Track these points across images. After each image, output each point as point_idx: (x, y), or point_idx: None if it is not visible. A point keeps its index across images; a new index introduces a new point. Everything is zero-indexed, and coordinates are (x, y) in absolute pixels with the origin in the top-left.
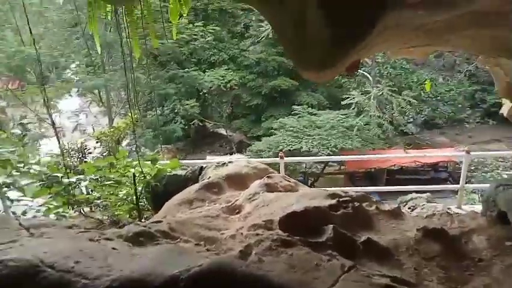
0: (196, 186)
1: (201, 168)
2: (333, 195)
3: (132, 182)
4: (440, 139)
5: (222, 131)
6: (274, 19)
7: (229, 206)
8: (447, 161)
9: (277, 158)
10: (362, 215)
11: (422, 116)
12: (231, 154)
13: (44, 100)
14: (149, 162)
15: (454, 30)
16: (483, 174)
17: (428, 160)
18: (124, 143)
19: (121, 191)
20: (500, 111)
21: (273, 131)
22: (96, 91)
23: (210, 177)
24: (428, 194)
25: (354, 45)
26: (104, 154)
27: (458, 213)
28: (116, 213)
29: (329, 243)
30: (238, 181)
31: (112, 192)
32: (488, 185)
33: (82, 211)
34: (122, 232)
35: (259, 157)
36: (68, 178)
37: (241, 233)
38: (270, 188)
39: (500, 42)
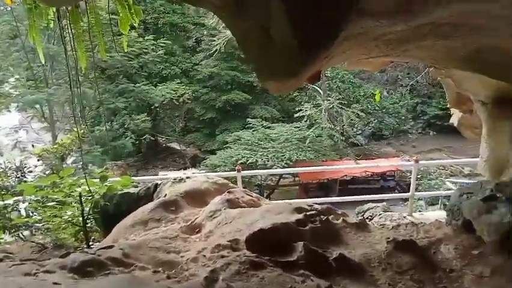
0: (151, 204)
1: (156, 185)
2: (299, 210)
3: (79, 202)
4: (387, 149)
5: (175, 146)
6: (235, 26)
7: (189, 225)
8: (394, 170)
9: (234, 172)
10: (330, 229)
11: (369, 127)
12: (185, 169)
13: None
14: (98, 180)
15: (411, 40)
16: (428, 181)
17: (377, 170)
18: (70, 160)
19: (66, 212)
20: (450, 121)
21: (227, 144)
22: (38, 106)
23: (165, 194)
24: (383, 203)
25: (320, 53)
26: (46, 173)
27: (422, 222)
28: (60, 236)
29: (300, 262)
30: (198, 198)
31: (55, 214)
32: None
33: (20, 235)
34: (66, 262)
35: (214, 172)
36: (2, 200)
37: (204, 255)
38: (231, 203)
39: (454, 52)
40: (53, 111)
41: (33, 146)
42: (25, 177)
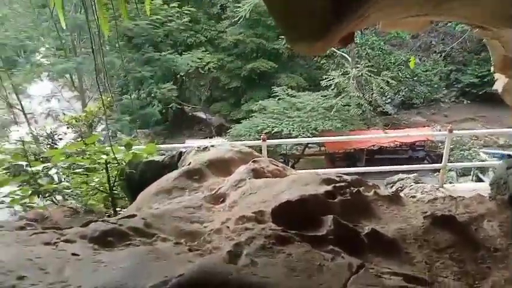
0: (175, 173)
1: (180, 154)
2: (327, 181)
3: (105, 169)
4: (417, 119)
5: (201, 115)
6: None
7: (213, 194)
8: (424, 140)
9: (259, 141)
10: (361, 202)
11: (399, 96)
12: (210, 138)
13: (12, 85)
14: (123, 147)
15: None
16: (461, 152)
17: (407, 140)
18: (99, 128)
19: (93, 179)
20: (494, 87)
21: (253, 113)
22: (68, 75)
23: (190, 163)
24: (414, 174)
25: (353, 13)
26: (76, 140)
27: (461, 196)
28: (89, 202)
29: (330, 237)
30: (222, 167)
31: (83, 180)
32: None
33: (54, 200)
34: (87, 231)
35: (239, 141)
36: (31, 166)
37: (228, 227)
38: (256, 173)
39: (502, 10)
40: (83, 80)
41: (64, 114)
42: (56, 144)
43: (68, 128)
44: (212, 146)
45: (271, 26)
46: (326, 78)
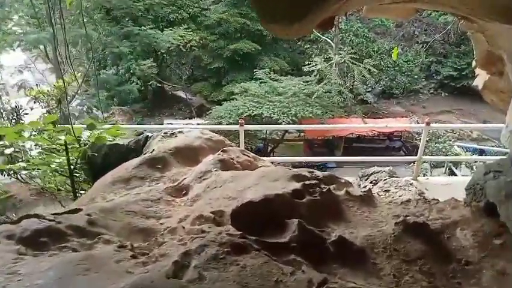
0: (135, 160)
1: (146, 138)
2: (297, 177)
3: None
4: (396, 109)
5: (181, 94)
6: None
7: (175, 186)
8: (401, 131)
9: (236, 125)
10: (330, 203)
11: (380, 85)
12: (190, 118)
13: None
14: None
15: None
16: (436, 145)
17: (384, 129)
18: (74, 103)
19: (53, 161)
20: (474, 83)
21: (234, 95)
22: (42, 46)
23: (153, 150)
24: (390, 168)
25: None
26: (43, 115)
27: (435, 199)
28: (47, 185)
29: (292, 244)
30: (189, 155)
31: (42, 161)
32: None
33: (19, 178)
34: (16, 230)
35: (219, 123)
36: None
37: (183, 227)
38: (225, 164)
39: (491, 1)
40: (57, 51)
41: (37, 86)
42: (21, 119)
43: (34, 102)
44: (180, 131)
45: None
46: (308, 64)
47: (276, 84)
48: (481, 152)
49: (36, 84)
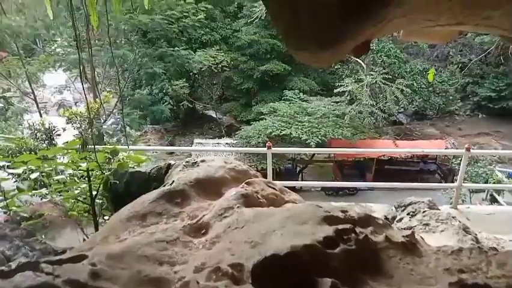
0: (154, 194)
1: (168, 166)
2: (329, 219)
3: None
4: (430, 130)
5: (212, 114)
6: None
7: (194, 223)
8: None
9: (264, 148)
10: (368, 253)
11: (413, 106)
12: (220, 137)
13: (26, 73)
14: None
15: (502, 4)
16: (475, 170)
17: (408, 153)
18: (110, 121)
19: (78, 186)
20: None
21: (263, 115)
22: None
23: (173, 181)
24: (429, 198)
25: (367, 18)
26: (76, 137)
27: (493, 248)
28: (69, 213)
29: None
30: (210, 187)
31: (62, 188)
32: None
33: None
34: (5, 286)
35: (247, 143)
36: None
37: (197, 282)
38: (248, 200)
39: None
40: (95, 72)
41: (76, 104)
42: (53, 140)
43: (67, 123)
44: (202, 161)
45: None
46: (339, 85)
47: (305, 104)
48: None
49: (75, 103)
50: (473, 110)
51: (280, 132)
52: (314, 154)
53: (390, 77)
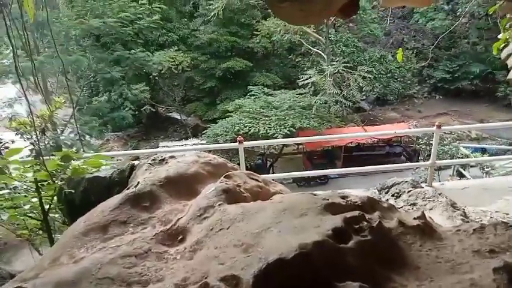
0: (115, 200)
1: (132, 168)
2: (332, 207)
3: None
4: (392, 115)
5: (176, 116)
6: None
7: (168, 229)
8: (401, 136)
9: (235, 143)
10: (385, 242)
11: (374, 93)
12: (186, 139)
13: None
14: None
15: None
16: (441, 148)
17: (383, 136)
18: (67, 132)
19: (27, 201)
20: (508, 76)
21: (229, 113)
22: (31, 77)
23: (138, 183)
24: (411, 177)
25: None
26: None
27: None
28: (18, 232)
29: None
30: (184, 185)
31: (8, 204)
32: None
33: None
34: None
35: (215, 142)
36: None
37: None
38: (230, 195)
39: None
40: (47, 81)
41: (28, 117)
42: (1, 153)
43: (16, 134)
44: (171, 156)
45: (245, 24)
46: (302, 77)
47: (270, 98)
48: (483, 151)
49: (28, 116)
50: (430, 93)
51: (249, 129)
52: (283, 147)
53: (351, 65)
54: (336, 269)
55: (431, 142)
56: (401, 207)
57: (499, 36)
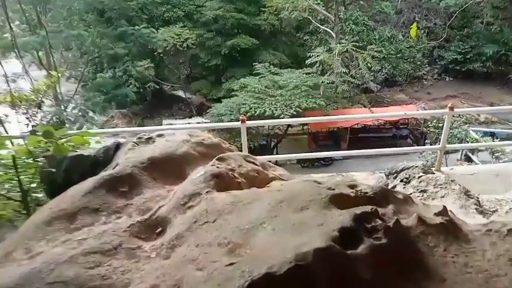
0: (88, 183)
1: (118, 146)
2: (338, 199)
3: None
4: (400, 96)
5: (181, 94)
6: None
7: (146, 220)
8: (408, 118)
9: (238, 122)
10: (403, 246)
11: (382, 73)
12: (190, 117)
13: None
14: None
15: None
16: (451, 131)
17: (390, 118)
18: (70, 107)
19: (5, 181)
20: None
21: (234, 92)
22: (35, 52)
23: (118, 164)
24: (422, 162)
25: None
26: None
27: None
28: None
29: None
30: (171, 168)
31: None
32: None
33: None
34: None
35: (220, 121)
36: None
37: None
38: (221, 180)
39: None
40: (51, 57)
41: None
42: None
43: (12, 108)
44: (160, 135)
45: (252, 0)
46: (310, 55)
47: (276, 77)
48: (492, 135)
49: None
50: (440, 74)
51: (255, 111)
52: (288, 127)
53: (360, 44)
54: (343, 284)
55: (439, 125)
56: (411, 193)
57: None
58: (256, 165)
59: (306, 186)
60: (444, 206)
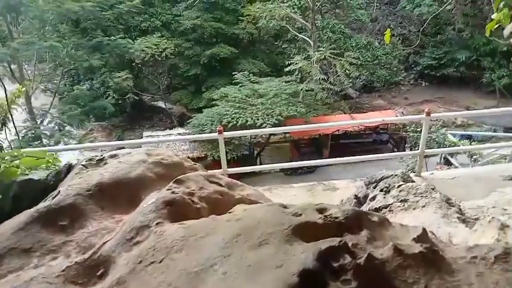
0: (21, 217)
1: (69, 168)
2: (303, 230)
3: None
4: (378, 102)
5: (161, 104)
6: None
7: (86, 260)
8: (387, 124)
9: (214, 133)
10: (376, 284)
11: (360, 80)
12: (171, 128)
13: None
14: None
15: None
16: (429, 135)
17: (370, 124)
18: (46, 121)
19: None
20: (505, 32)
21: (214, 101)
22: (6, 64)
23: (59, 192)
24: (401, 170)
25: None
26: None
27: None
28: None
29: None
30: (123, 194)
31: None
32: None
33: None
34: None
35: (201, 132)
36: None
37: None
38: (176, 208)
39: None
40: (23, 69)
41: None
42: None
43: None
44: (112, 156)
45: (230, 9)
46: (289, 63)
47: (256, 86)
48: (469, 138)
49: None
50: (416, 79)
51: (236, 120)
52: (270, 136)
53: (338, 52)
54: None
55: (418, 129)
56: (391, 204)
57: (492, 17)
58: (221, 185)
59: (270, 213)
60: (424, 229)
